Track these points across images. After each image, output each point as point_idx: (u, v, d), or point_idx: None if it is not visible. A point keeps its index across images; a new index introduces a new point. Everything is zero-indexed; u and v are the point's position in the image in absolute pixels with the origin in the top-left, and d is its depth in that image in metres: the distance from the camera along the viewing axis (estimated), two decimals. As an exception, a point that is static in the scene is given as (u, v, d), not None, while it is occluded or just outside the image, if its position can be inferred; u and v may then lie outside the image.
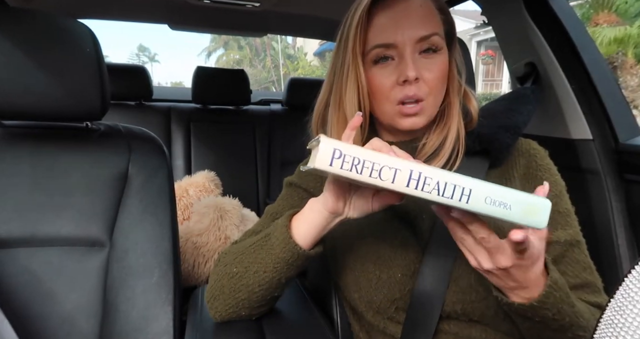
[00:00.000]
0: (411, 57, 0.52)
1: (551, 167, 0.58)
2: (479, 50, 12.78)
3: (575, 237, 0.56)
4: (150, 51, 30.34)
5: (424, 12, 0.53)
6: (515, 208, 0.37)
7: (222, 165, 1.84)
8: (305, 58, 19.90)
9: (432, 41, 0.53)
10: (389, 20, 0.52)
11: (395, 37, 0.52)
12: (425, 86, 0.53)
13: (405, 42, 0.52)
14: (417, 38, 0.52)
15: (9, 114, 0.73)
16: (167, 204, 0.78)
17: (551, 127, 1.02)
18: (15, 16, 0.69)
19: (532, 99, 0.65)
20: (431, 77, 0.53)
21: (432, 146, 0.56)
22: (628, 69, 8.55)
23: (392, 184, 0.37)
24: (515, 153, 0.58)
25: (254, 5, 1.42)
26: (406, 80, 0.52)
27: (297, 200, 0.64)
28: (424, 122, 0.54)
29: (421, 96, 0.53)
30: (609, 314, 0.24)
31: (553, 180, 0.56)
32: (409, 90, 0.52)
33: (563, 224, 0.56)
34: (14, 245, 0.70)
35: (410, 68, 0.51)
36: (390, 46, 0.52)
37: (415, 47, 0.52)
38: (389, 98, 0.54)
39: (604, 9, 9.25)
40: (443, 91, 0.56)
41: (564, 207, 0.56)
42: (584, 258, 0.56)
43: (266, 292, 0.55)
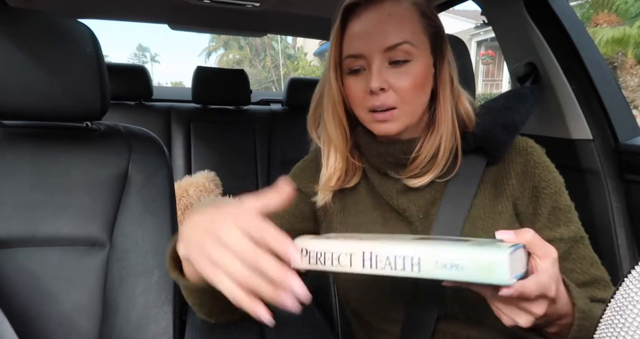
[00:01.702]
0: (377, 68, 0.52)
1: (548, 164, 0.57)
2: (479, 50, 12.78)
3: (578, 233, 0.56)
4: (150, 51, 30.34)
5: (394, 20, 0.52)
6: (469, 269, 0.34)
7: (222, 165, 1.84)
8: (305, 58, 19.91)
9: (402, 50, 0.52)
10: (360, 29, 0.53)
11: (362, 47, 0.53)
12: (396, 94, 0.53)
13: (372, 53, 0.52)
14: (383, 48, 0.52)
15: (9, 114, 0.73)
16: (167, 204, 0.78)
17: (551, 127, 1.02)
18: (15, 16, 0.69)
19: (531, 98, 0.65)
20: (401, 86, 0.53)
21: (426, 156, 0.56)
22: (628, 69, 8.56)
23: (351, 268, 0.38)
24: (513, 151, 0.57)
25: (254, 5, 1.42)
26: (372, 91, 0.52)
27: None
28: (398, 128, 0.54)
29: (391, 105, 0.53)
30: (609, 315, 0.24)
31: (551, 177, 0.56)
32: (376, 100, 0.53)
33: (565, 221, 0.56)
34: (13, 245, 0.70)
35: (374, 79, 0.52)
36: (359, 56, 0.53)
37: (384, 57, 0.52)
38: (362, 106, 0.55)
39: (603, 9, 9.25)
40: (422, 98, 0.55)
41: (564, 203, 0.56)
42: (589, 253, 0.56)
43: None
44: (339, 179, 0.61)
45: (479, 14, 1.16)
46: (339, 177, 0.60)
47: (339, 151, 0.60)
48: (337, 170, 0.60)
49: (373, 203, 0.61)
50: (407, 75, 0.53)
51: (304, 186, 0.65)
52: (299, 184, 0.65)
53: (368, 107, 0.54)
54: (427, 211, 0.57)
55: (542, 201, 0.55)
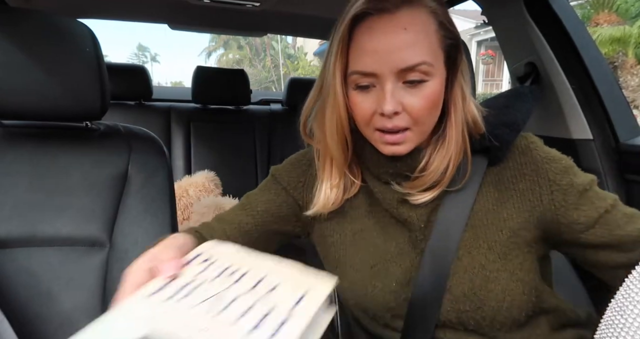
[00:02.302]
0: (391, 90, 0.47)
1: (553, 154, 0.54)
2: (479, 50, 12.78)
3: (605, 207, 0.51)
4: (150, 51, 30.33)
5: (410, 36, 0.46)
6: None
7: (222, 165, 1.84)
8: (305, 58, 19.90)
9: (419, 70, 0.46)
10: (370, 43, 0.46)
11: (374, 66, 0.47)
12: (409, 116, 0.48)
13: (384, 73, 0.46)
14: (399, 69, 0.46)
15: (9, 114, 0.73)
16: (167, 204, 0.78)
17: (551, 127, 1.02)
18: (15, 16, 0.69)
19: (531, 97, 0.64)
20: (416, 107, 0.48)
21: (435, 173, 0.51)
22: (628, 68, 8.55)
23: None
24: (516, 151, 0.54)
25: (254, 5, 1.42)
26: (383, 113, 0.48)
27: (273, 195, 0.63)
28: (408, 149, 0.51)
29: (403, 126, 0.49)
30: (609, 315, 0.24)
31: (561, 166, 0.52)
32: (388, 122, 0.48)
33: (596, 197, 0.52)
34: (13, 245, 0.70)
35: (388, 103, 0.46)
36: (370, 75, 0.48)
37: (398, 77, 0.47)
38: (369, 125, 0.51)
39: (604, 9, 9.25)
40: (434, 117, 0.51)
41: (585, 182, 0.52)
42: (629, 210, 0.52)
43: None
44: (337, 198, 0.57)
45: (479, 14, 1.16)
46: (337, 195, 0.57)
47: (338, 168, 0.56)
48: (336, 188, 0.57)
49: (370, 210, 0.59)
50: (422, 95, 0.48)
51: (289, 184, 0.62)
52: (286, 180, 0.63)
53: (376, 127, 0.50)
54: (428, 219, 0.55)
55: (565, 191, 0.51)
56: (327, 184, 0.57)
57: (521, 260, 0.51)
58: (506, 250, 0.51)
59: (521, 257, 0.52)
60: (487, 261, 0.51)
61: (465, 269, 0.52)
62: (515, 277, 0.51)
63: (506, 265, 0.51)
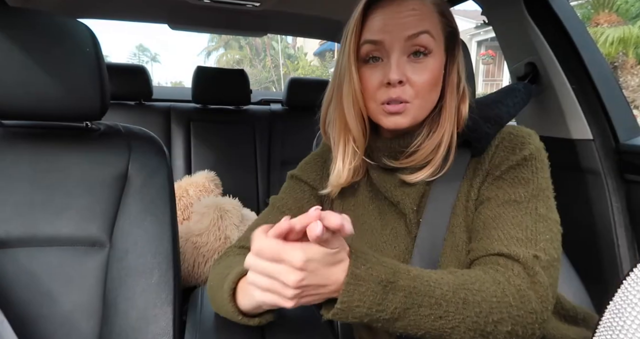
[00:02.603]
0: (397, 59, 0.52)
1: (516, 143, 0.56)
2: (479, 50, 12.77)
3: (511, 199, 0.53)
4: (150, 51, 30.34)
5: (416, 13, 0.53)
6: None
7: (222, 165, 1.84)
8: (305, 58, 19.90)
9: (421, 40, 0.52)
10: (381, 20, 0.53)
11: (383, 35, 0.52)
12: (412, 89, 0.53)
13: (392, 42, 0.52)
14: (404, 37, 0.52)
15: (9, 114, 0.73)
16: (167, 204, 0.78)
17: (551, 127, 1.02)
18: (15, 16, 0.69)
19: (523, 92, 0.66)
20: (419, 80, 0.53)
21: (426, 151, 0.56)
22: (629, 69, 8.55)
23: None
24: (500, 144, 0.57)
25: (254, 5, 1.42)
26: (390, 82, 0.53)
27: (299, 193, 0.66)
28: (408, 122, 0.55)
29: (406, 99, 0.53)
30: (607, 317, 0.24)
31: (518, 158, 0.54)
32: (392, 92, 0.53)
33: (512, 183, 0.54)
34: (13, 245, 0.70)
35: (394, 71, 0.52)
36: (378, 43, 0.53)
37: (404, 49, 0.53)
38: (375, 98, 0.55)
39: (604, 9, 9.24)
40: (434, 95, 0.56)
41: (521, 176, 0.54)
42: (516, 218, 0.52)
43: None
44: (349, 176, 0.61)
45: (479, 14, 1.15)
46: (349, 174, 0.61)
47: (358, 144, 0.59)
48: (348, 166, 0.60)
49: (371, 197, 0.63)
50: (425, 69, 0.53)
51: (311, 180, 0.67)
52: (307, 177, 0.67)
53: (381, 100, 0.54)
54: (419, 203, 0.59)
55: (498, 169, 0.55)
56: (340, 161, 0.61)
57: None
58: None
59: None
60: (469, 242, 0.55)
61: (452, 249, 0.55)
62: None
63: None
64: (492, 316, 0.44)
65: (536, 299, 0.46)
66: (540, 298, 0.46)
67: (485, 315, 0.44)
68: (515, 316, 0.45)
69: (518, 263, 0.48)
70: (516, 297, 0.45)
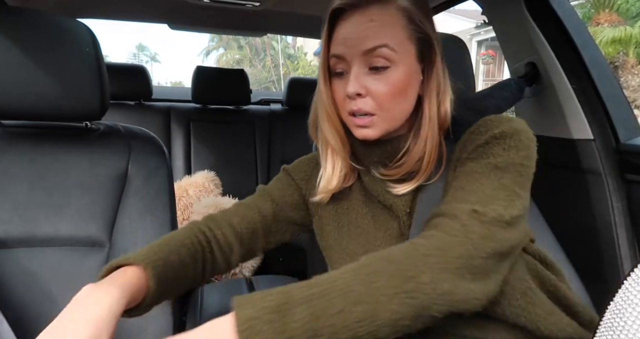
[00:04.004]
0: (356, 72, 0.52)
1: (482, 130, 0.52)
2: (479, 50, 12.76)
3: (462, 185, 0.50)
4: (150, 51, 30.33)
5: (376, 25, 0.52)
6: None
7: (222, 165, 1.84)
8: (305, 58, 19.89)
9: (379, 54, 0.51)
10: (343, 33, 0.53)
11: (344, 49, 0.53)
12: (373, 101, 0.53)
13: (351, 56, 0.52)
14: (362, 51, 0.52)
15: (9, 114, 0.73)
16: (167, 204, 0.78)
17: (552, 127, 1.02)
18: (15, 16, 0.69)
19: (514, 87, 0.66)
20: (380, 93, 0.52)
21: (409, 163, 0.55)
22: (629, 68, 8.54)
23: None
24: (470, 130, 0.54)
25: (254, 5, 1.42)
26: (349, 95, 0.53)
27: (285, 185, 0.68)
28: (377, 134, 0.54)
29: (368, 111, 0.53)
30: (608, 317, 0.24)
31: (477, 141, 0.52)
32: (353, 105, 0.53)
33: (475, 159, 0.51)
34: (13, 245, 0.70)
35: (351, 84, 0.52)
36: (341, 58, 0.54)
37: (363, 62, 0.52)
38: (343, 109, 0.56)
39: (605, 9, 9.24)
40: (402, 105, 0.54)
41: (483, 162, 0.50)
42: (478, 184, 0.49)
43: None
44: (339, 182, 0.61)
45: (479, 14, 1.15)
46: (339, 180, 0.61)
47: (339, 155, 0.60)
48: (338, 174, 0.61)
49: (364, 200, 0.63)
50: (385, 81, 0.52)
51: (299, 178, 0.67)
52: (295, 175, 0.68)
53: (348, 111, 0.55)
54: (411, 205, 0.58)
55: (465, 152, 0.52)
56: (329, 168, 0.61)
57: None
58: None
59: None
60: None
61: None
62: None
63: None
64: (406, 273, 0.41)
65: (465, 246, 0.43)
66: (472, 245, 0.43)
67: (398, 274, 0.41)
68: (434, 264, 0.42)
69: (452, 217, 0.46)
70: (432, 248, 0.43)
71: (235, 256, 0.64)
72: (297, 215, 0.67)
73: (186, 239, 0.59)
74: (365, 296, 0.40)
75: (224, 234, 0.63)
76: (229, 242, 0.63)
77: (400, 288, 0.41)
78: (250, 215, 0.65)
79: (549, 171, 1.02)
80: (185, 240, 0.58)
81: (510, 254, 0.48)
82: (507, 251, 0.46)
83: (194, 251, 0.58)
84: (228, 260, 0.63)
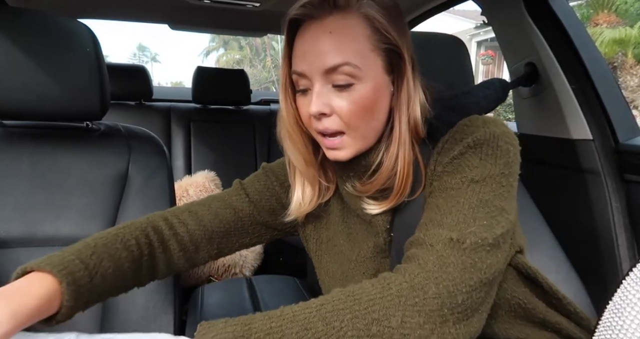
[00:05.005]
0: (318, 91, 0.48)
1: (466, 134, 0.48)
2: (479, 51, 12.77)
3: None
4: (150, 51, 30.32)
5: (335, 38, 0.47)
6: None
7: (222, 165, 1.84)
8: (306, 58, 19.84)
9: (343, 72, 0.47)
10: (302, 47, 0.49)
11: (303, 65, 0.49)
12: (340, 119, 0.48)
13: (312, 73, 0.48)
14: (323, 70, 0.47)
15: (9, 114, 0.73)
16: (168, 204, 0.78)
17: (551, 127, 1.02)
18: (16, 16, 0.70)
19: (497, 86, 0.63)
20: (345, 111, 0.48)
21: (381, 178, 0.51)
22: (628, 69, 8.55)
23: None
24: (444, 139, 0.50)
25: (254, 5, 1.42)
26: (312, 115, 0.49)
27: (262, 186, 0.63)
28: (349, 155, 0.50)
29: (337, 129, 0.49)
30: (607, 317, 0.24)
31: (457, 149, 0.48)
32: (319, 124, 0.49)
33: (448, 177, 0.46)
34: (13, 245, 0.70)
35: (314, 104, 0.48)
36: (302, 75, 0.49)
37: (325, 80, 0.48)
38: (311, 128, 0.52)
39: (603, 9, 9.25)
40: (372, 122, 0.50)
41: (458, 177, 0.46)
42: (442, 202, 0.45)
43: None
44: (312, 202, 0.58)
45: (479, 14, 1.16)
46: (310, 202, 0.58)
47: (306, 177, 0.57)
48: (309, 196, 0.57)
49: (342, 215, 0.59)
50: (350, 99, 0.48)
51: (278, 183, 0.63)
52: (275, 178, 0.63)
53: (316, 130, 0.51)
54: (392, 221, 0.54)
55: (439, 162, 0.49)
56: (299, 188, 0.58)
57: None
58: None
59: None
60: None
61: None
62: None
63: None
64: (372, 314, 0.38)
65: (443, 282, 0.39)
66: (451, 280, 0.39)
67: (364, 315, 0.38)
68: (408, 306, 0.38)
69: (428, 248, 0.42)
70: (405, 287, 0.39)
71: (201, 255, 0.60)
72: (274, 221, 0.63)
73: (134, 247, 0.53)
74: (322, 335, 0.38)
75: (190, 231, 0.58)
76: (194, 240, 0.59)
77: (363, 331, 0.38)
78: (224, 214, 0.61)
79: (548, 171, 1.03)
80: (130, 246, 0.53)
81: (498, 278, 0.44)
82: (495, 278, 0.42)
83: (137, 255, 0.53)
84: (191, 259, 0.59)
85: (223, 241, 0.61)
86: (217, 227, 0.60)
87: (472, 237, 0.41)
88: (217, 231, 0.60)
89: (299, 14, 0.49)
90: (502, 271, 0.45)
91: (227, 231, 0.61)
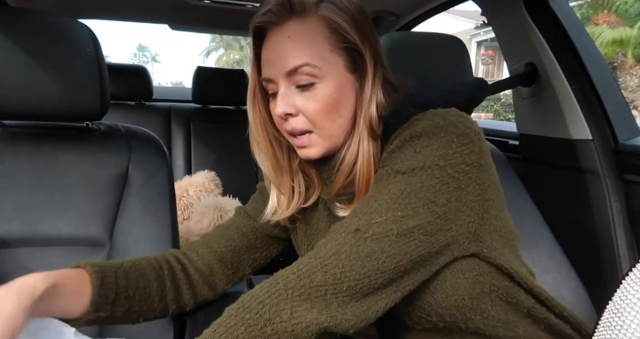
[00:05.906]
0: (282, 92, 0.50)
1: (417, 132, 0.47)
2: (479, 51, 12.78)
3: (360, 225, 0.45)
4: (150, 51, 30.33)
5: (293, 42, 0.49)
6: None
7: (222, 165, 1.84)
8: (305, 58, 19.84)
9: (303, 72, 0.49)
10: (266, 53, 0.52)
11: (268, 70, 0.51)
12: (305, 119, 0.51)
13: (276, 77, 0.51)
14: (285, 72, 0.50)
15: (9, 114, 0.73)
16: (167, 204, 0.78)
17: (551, 127, 1.02)
18: (16, 16, 0.70)
19: (472, 84, 0.61)
20: (309, 110, 0.50)
21: (342, 175, 0.52)
22: (628, 69, 8.56)
23: None
24: (393, 140, 0.50)
25: (254, 5, 1.42)
26: (279, 116, 0.52)
27: (259, 203, 0.67)
28: (318, 153, 0.52)
29: (303, 128, 0.51)
30: (606, 317, 0.24)
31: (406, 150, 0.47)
32: (287, 125, 0.52)
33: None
34: (14, 245, 0.70)
35: (279, 105, 0.50)
36: (269, 80, 0.52)
37: (289, 81, 0.50)
38: (282, 130, 0.54)
39: (603, 10, 9.26)
40: (337, 120, 0.51)
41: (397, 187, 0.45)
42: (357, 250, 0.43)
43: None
44: (287, 207, 0.59)
45: (479, 14, 1.16)
46: (287, 204, 0.59)
47: (273, 182, 0.58)
48: (284, 202, 0.59)
49: (329, 221, 0.59)
50: (313, 98, 0.50)
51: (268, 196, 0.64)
52: (267, 192, 0.64)
53: (285, 132, 0.53)
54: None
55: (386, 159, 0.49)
56: (273, 193, 0.60)
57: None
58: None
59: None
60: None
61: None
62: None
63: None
64: (264, 316, 0.41)
65: (328, 270, 0.41)
66: (339, 268, 0.41)
67: (256, 321, 0.40)
68: (294, 296, 0.41)
69: (329, 240, 0.44)
70: (293, 278, 0.42)
71: (218, 277, 0.63)
72: (274, 231, 0.66)
73: (154, 260, 0.58)
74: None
75: (200, 255, 0.62)
76: (207, 263, 0.62)
77: (259, 336, 0.40)
78: (229, 233, 0.65)
79: (548, 171, 1.03)
80: (151, 260, 0.58)
81: (420, 266, 0.44)
82: (407, 266, 0.43)
83: (159, 271, 0.57)
84: (210, 283, 0.63)
85: (235, 260, 0.64)
86: (225, 247, 0.63)
87: (376, 228, 0.43)
88: (226, 251, 0.63)
89: (261, 22, 0.51)
90: (429, 260, 0.45)
91: (236, 249, 0.64)
